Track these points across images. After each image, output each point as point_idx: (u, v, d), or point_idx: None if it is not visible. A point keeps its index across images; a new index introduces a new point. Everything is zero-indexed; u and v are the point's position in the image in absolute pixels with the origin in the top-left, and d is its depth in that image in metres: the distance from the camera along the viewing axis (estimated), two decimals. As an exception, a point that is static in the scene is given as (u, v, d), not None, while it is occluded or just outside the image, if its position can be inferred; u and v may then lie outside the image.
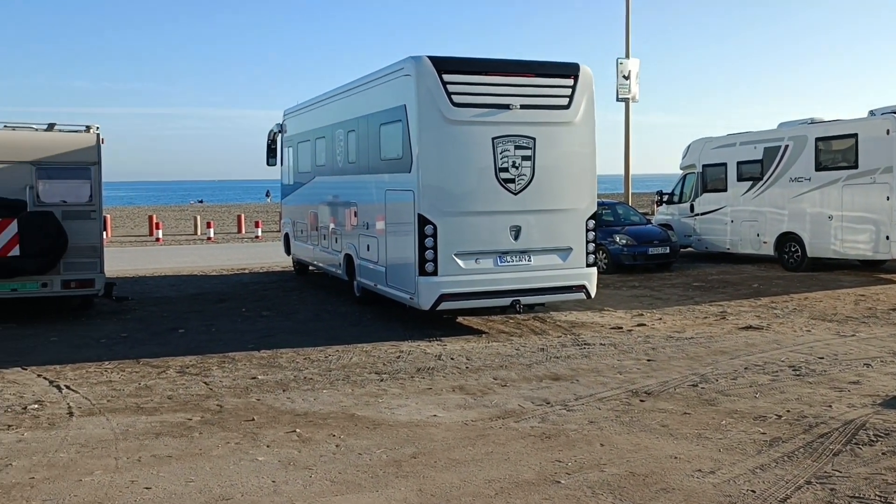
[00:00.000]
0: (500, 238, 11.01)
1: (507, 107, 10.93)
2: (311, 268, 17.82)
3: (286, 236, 18.88)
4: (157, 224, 31.34)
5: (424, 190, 10.73)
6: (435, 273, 10.72)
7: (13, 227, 11.65)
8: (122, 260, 21.75)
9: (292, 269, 18.98)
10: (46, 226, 11.93)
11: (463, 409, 7.53)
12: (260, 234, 31.21)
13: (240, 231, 33.69)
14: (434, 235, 10.69)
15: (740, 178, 19.22)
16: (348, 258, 13.81)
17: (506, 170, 10.94)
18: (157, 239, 29.63)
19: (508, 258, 11.08)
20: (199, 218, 34.91)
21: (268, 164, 19.40)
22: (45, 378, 8.87)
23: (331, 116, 14.72)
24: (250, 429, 6.91)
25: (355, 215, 13.33)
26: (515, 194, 11.00)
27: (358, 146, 13.23)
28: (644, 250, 18.22)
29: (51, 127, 12.88)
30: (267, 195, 72.63)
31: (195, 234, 32.98)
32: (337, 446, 6.43)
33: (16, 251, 11.69)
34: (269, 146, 19.20)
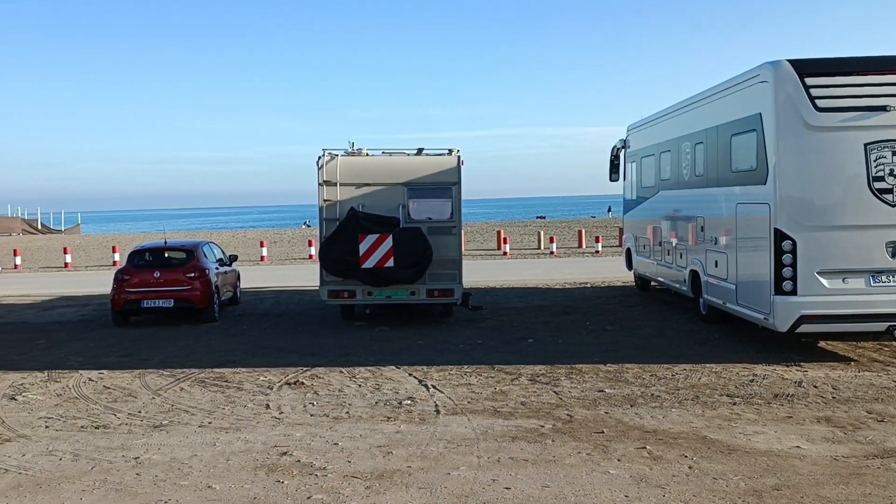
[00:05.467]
0: (874, 255, 9.84)
1: (883, 108, 9.77)
2: (652, 283, 17.58)
3: (628, 251, 18.84)
4: (504, 239, 33.24)
5: (782, 203, 10.01)
6: (793, 292, 9.92)
7: (389, 242, 13.21)
8: (473, 272, 23.41)
9: (633, 284, 18.88)
10: (415, 240, 13.33)
11: (831, 442, 6.86)
12: (600, 248, 31.52)
13: (580, 246, 34.36)
14: (793, 251, 9.91)
15: None
16: (694, 274, 13.37)
17: (881, 179, 9.77)
18: (505, 253, 31.41)
19: (884, 278, 9.86)
20: (542, 233, 36.28)
21: (610, 179, 19.57)
22: (414, 377, 9.88)
23: (676, 129, 14.41)
24: (600, 441, 7.01)
25: (702, 230, 12.87)
26: (894, 206, 9.77)
27: (706, 158, 12.77)
28: None
29: (419, 151, 14.37)
30: (609, 211, 73.37)
31: (538, 248, 34.34)
32: (690, 468, 6.25)
33: (390, 263, 13.23)
34: (611, 162, 19.36)
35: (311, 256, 32.02)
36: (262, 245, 33.32)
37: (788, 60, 10.06)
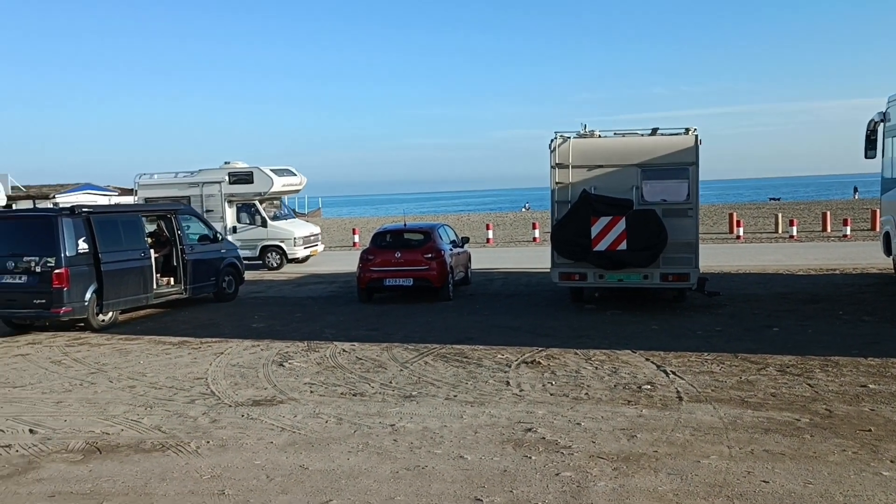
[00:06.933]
0: None
1: None
2: (917, 271, 15.82)
3: (886, 235, 17.09)
4: (737, 221, 31.47)
5: None
6: None
7: (622, 224, 12.99)
8: (705, 256, 22.34)
9: (893, 271, 17.11)
10: (649, 223, 12.99)
11: None
12: (848, 232, 28.84)
13: (824, 229, 31.67)
14: None
15: None
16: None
17: None
18: (738, 237, 29.75)
19: None
20: (780, 216, 33.90)
21: (866, 156, 17.80)
22: (651, 362, 9.67)
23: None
24: (867, 440, 6.46)
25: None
26: None
27: None
28: None
29: (654, 131, 13.96)
30: (854, 192, 67.40)
31: (776, 232, 32.14)
32: (981, 477, 5.59)
33: (623, 245, 13.01)
34: (867, 137, 17.60)
35: (534, 239, 32.33)
36: (487, 228, 34.14)
37: None
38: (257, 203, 23.64)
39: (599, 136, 14.08)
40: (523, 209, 76.41)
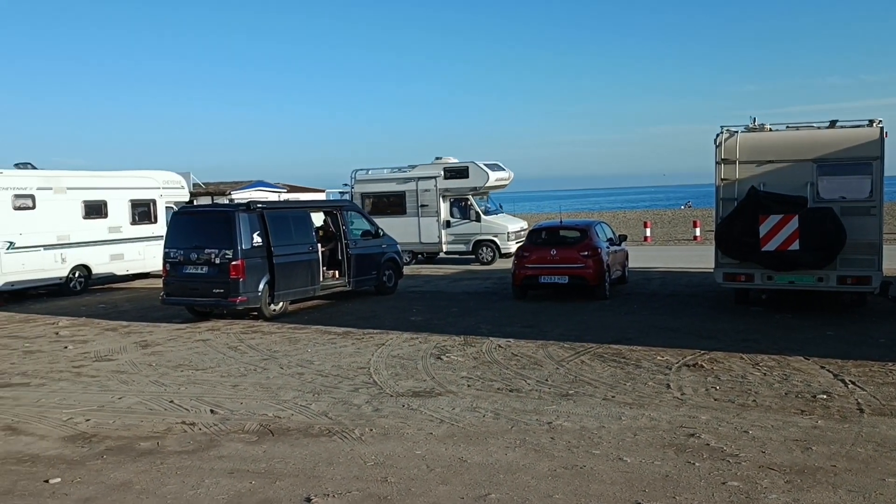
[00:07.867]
0: None
1: None
2: None
3: None
4: (925, 221, 28.84)
5: None
6: None
7: (794, 223, 12.24)
8: (890, 258, 20.64)
9: None
10: (825, 222, 12.16)
11: None
12: None
13: None
14: None
15: None
16: None
17: None
18: (926, 237, 27.25)
19: None
20: (976, 214, 30.74)
21: None
22: (827, 370, 9.05)
23: None
24: None
25: None
26: None
27: None
28: None
29: (832, 124, 13.03)
30: None
31: (971, 232, 29.18)
32: None
33: (795, 245, 12.25)
34: None
35: (695, 237, 31.14)
36: (645, 226, 33.23)
37: None
38: (471, 197, 23.64)
39: (770, 130, 13.33)
40: (684, 206, 73.79)
